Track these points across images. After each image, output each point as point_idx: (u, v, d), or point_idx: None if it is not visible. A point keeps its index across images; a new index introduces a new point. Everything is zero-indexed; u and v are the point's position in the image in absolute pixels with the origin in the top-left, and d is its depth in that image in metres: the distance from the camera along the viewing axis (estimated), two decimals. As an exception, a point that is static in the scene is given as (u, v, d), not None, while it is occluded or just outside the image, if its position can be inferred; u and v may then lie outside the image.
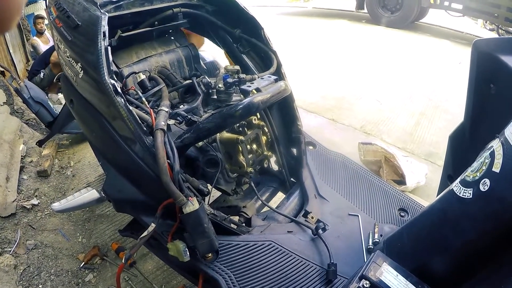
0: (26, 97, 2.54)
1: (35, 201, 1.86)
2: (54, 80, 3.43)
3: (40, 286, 1.46)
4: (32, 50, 4.69)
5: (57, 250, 1.62)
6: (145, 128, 0.85)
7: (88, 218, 1.82)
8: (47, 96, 3.06)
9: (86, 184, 2.06)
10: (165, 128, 0.82)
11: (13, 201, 1.78)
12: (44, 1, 1.24)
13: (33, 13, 4.78)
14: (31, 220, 1.76)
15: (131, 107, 0.86)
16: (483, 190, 0.65)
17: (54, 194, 1.99)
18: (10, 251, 1.55)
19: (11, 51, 3.51)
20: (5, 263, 1.46)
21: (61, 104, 3.12)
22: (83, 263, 1.54)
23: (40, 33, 4.65)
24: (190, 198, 0.78)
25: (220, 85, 0.98)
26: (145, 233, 0.81)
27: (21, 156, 2.12)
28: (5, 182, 1.84)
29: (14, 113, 2.63)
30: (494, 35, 6.02)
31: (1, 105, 2.54)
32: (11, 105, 2.69)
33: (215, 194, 1.21)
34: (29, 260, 1.54)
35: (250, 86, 0.95)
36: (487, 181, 0.65)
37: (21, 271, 1.49)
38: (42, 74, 3.42)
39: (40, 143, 2.30)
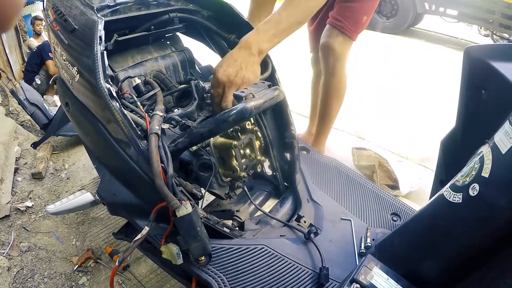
0: (22, 98, 2.55)
1: (29, 203, 1.86)
2: (50, 82, 3.44)
3: (33, 289, 1.45)
4: (28, 51, 4.69)
5: (50, 253, 1.62)
6: (139, 132, 0.86)
7: (82, 221, 1.82)
8: (43, 98, 3.06)
9: (80, 187, 2.06)
10: (159, 132, 0.83)
11: (7, 203, 1.77)
12: (42, 2, 1.25)
13: (30, 14, 4.79)
14: (25, 222, 1.76)
15: (126, 111, 0.87)
16: (472, 195, 0.67)
17: (48, 196, 1.99)
18: (4, 253, 1.54)
19: (7, 51, 3.52)
20: (-2, 266, 1.46)
21: (57, 106, 3.12)
22: (77, 266, 1.54)
23: (37, 34, 4.66)
24: (183, 201, 0.79)
25: None
26: (138, 236, 0.82)
27: (16, 158, 2.12)
28: (-1, 184, 1.83)
29: (9, 115, 2.63)
30: (489, 40, 6.09)
31: (-4, 107, 2.54)
32: (6, 107, 2.69)
33: (209, 198, 1.21)
34: (22, 263, 1.54)
35: (243, 92, 0.96)
36: (476, 186, 0.66)
37: (15, 273, 1.48)
38: (38, 80, 3.43)
39: (35, 145, 2.31)
